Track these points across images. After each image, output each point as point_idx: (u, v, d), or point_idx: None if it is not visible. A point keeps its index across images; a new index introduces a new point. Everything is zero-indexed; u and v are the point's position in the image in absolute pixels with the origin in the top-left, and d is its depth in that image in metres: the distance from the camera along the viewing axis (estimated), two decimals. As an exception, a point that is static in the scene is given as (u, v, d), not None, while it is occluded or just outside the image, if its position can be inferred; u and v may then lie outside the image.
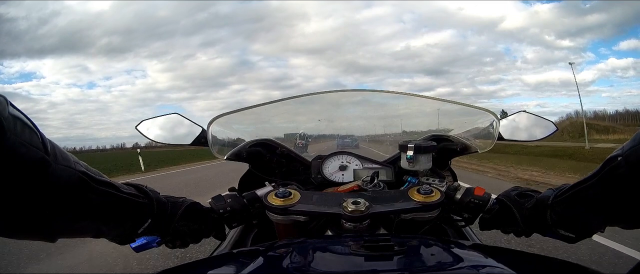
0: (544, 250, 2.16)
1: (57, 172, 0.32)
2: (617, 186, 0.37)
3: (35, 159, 0.30)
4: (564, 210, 0.44)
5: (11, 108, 0.29)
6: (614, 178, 0.37)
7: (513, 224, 0.51)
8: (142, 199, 0.43)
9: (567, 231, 0.45)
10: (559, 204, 0.45)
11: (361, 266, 0.37)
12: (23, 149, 0.29)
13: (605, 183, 0.38)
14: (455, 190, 0.57)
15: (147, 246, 0.48)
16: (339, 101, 0.87)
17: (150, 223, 0.44)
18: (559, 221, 0.45)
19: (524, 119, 0.72)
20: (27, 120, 0.30)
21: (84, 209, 0.36)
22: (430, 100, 0.80)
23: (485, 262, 0.40)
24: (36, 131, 0.31)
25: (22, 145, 0.29)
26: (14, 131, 0.28)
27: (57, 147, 0.33)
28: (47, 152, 0.31)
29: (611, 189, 0.38)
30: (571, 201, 0.43)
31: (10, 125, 0.28)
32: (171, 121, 0.71)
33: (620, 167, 0.36)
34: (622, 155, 0.36)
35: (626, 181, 0.36)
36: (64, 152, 0.34)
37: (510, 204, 0.51)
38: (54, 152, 0.32)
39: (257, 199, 0.56)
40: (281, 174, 0.75)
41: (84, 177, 0.35)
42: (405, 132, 0.89)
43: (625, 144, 0.37)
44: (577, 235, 0.45)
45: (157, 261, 2.24)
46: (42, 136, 0.31)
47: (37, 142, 0.30)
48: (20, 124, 0.29)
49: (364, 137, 0.98)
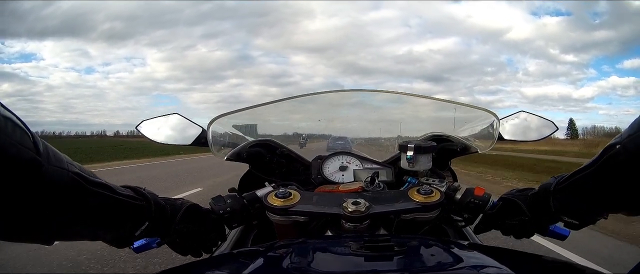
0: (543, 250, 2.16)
1: (50, 173, 0.32)
2: (616, 173, 0.38)
3: (27, 160, 0.30)
4: (566, 197, 0.45)
5: (1, 108, 0.29)
6: (612, 165, 0.38)
7: (518, 215, 0.51)
8: (140, 201, 0.43)
9: (570, 217, 0.46)
10: (561, 191, 0.46)
11: (361, 266, 0.37)
12: (14, 150, 0.28)
13: (605, 170, 0.39)
14: (455, 190, 0.57)
15: (147, 247, 0.48)
16: (338, 101, 0.87)
17: (148, 225, 0.44)
18: (561, 208, 0.46)
19: (524, 119, 0.72)
20: (18, 120, 0.30)
21: (78, 211, 0.36)
22: (431, 100, 0.80)
23: (485, 262, 0.40)
24: (28, 132, 0.30)
25: (12, 146, 0.28)
26: (4, 131, 0.28)
27: (50, 147, 0.33)
28: (38, 152, 0.31)
29: (610, 176, 0.39)
30: (572, 188, 0.44)
31: (1, 125, 0.28)
32: (171, 121, 0.72)
33: (619, 155, 0.37)
34: (620, 143, 0.37)
35: (625, 168, 0.37)
36: (57, 153, 0.34)
37: (513, 198, 0.52)
38: (47, 152, 0.32)
39: (257, 199, 0.56)
40: (281, 175, 0.75)
41: (77, 179, 0.34)
42: (400, 136, 0.89)
43: (623, 132, 0.38)
44: (581, 222, 0.46)
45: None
46: (33, 136, 0.31)
47: (28, 143, 0.30)
48: (11, 125, 0.29)
49: (358, 140, 0.98)
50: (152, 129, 0.71)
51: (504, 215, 0.53)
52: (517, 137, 0.71)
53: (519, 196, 0.52)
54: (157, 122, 0.71)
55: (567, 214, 0.46)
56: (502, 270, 0.36)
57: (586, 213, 0.45)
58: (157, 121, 0.71)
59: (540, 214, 0.49)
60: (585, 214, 0.45)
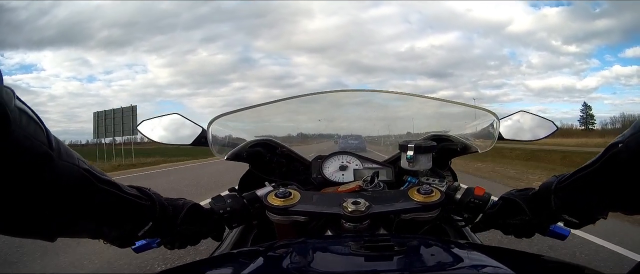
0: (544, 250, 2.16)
1: (60, 168, 0.32)
2: (618, 172, 0.38)
3: (39, 153, 0.30)
4: (567, 195, 0.45)
5: (17, 101, 0.29)
6: (615, 164, 0.38)
7: (519, 214, 0.51)
8: (145, 201, 0.43)
9: (571, 216, 0.46)
10: (562, 189, 0.46)
11: (361, 266, 0.37)
12: (27, 143, 0.29)
13: (607, 169, 0.39)
14: (455, 190, 0.57)
15: (147, 247, 0.48)
16: (341, 101, 0.87)
17: (152, 226, 0.44)
18: (562, 206, 0.46)
19: (524, 119, 0.72)
20: (33, 114, 0.30)
21: (85, 208, 0.36)
22: (431, 100, 0.80)
23: (485, 262, 0.40)
24: (41, 125, 0.31)
25: (26, 138, 0.29)
26: (19, 123, 0.28)
27: (61, 143, 0.33)
28: (51, 147, 0.31)
29: (612, 175, 0.39)
30: (574, 187, 0.44)
31: (16, 118, 0.28)
32: (172, 121, 0.72)
33: (621, 154, 0.37)
34: (623, 142, 0.37)
35: (627, 168, 0.37)
36: (68, 149, 0.34)
37: (513, 197, 0.52)
38: (59, 148, 0.32)
39: (257, 199, 0.56)
40: (281, 174, 0.75)
41: (87, 175, 0.35)
42: (409, 133, 0.89)
43: (626, 131, 0.38)
44: (581, 221, 0.46)
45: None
46: (47, 130, 0.31)
47: (41, 137, 0.30)
48: (26, 118, 0.29)
49: (371, 138, 0.97)
50: (153, 129, 0.71)
51: (504, 215, 0.53)
52: (516, 136, 0.71)
53: (519, 196, 0.52)
54: (157, 122, 0.71)
55: (568, 212, 0.46)
56: (502, 270, 0.36)
57: (587, 212, 0.45)
58: (158, 120, 0.71)
59: (541, 213, 0.49)
60: (586, 213, 0.45)
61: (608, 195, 0.41)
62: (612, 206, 0.43)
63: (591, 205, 0.44)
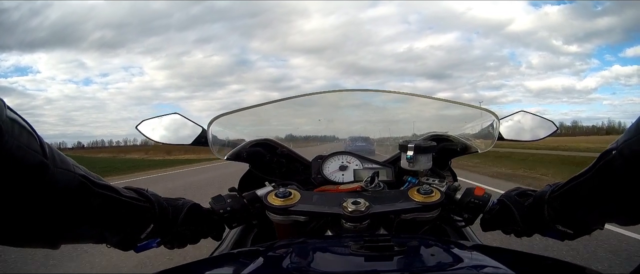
0: (544, 250, 2.16)
1: (56, 175, 0.32)
2: (612, 180, 0.37)
3: (34, 163, 0.29)
4: (561, 205, 0.44)
5: (9, 111, 0.29)
6: (608, 172, 0.37)
7: (513, 224, 0.51)
8: (144, 202, 0.43)
9: (565, 226, 0.45)
10: (555, 199, 0.45)
11: (361, 266, 0.37)
12: (21, 153, 0.28)
13: (600, 177, 0.38)
14: (455, 190, 0.57)
15: (147, 247, 0.48)
16: (340, 102, 0.87)
17: (153, 227, 0.44)
18: (556, 216, 0.45)
19: (524, 119, 0.72)
20: (25, 123, 0.30)
21: (85, 214, 0.36)
22: (431, 100, 0.80)
23: (485, 262, 0.40)
24: (34, 134, 0.30)
25: (20, 148, 0.28)
26: (11, 133, 0.28)
27: (56, 150, 0.33)
28: (45, 155, 0.31)
29: (606, 183, 0.38)
30: (568, 196, 0.43)
31: (8, 128, 0.28)
32: (172, 121, 0.72)
33: (615, 161, 0.36)
34: (616, 149, 0.36)
35: (621, 175, 0.35)
36: (63, 156, 0.34)
37: (509, 203, 0.51)
38: (53, 155, 0.32)
39: (257, 199, 0.56)
40: (281, 174, 0.75)
41: (84, 181, 0.34)
42: (415, 135, 0.88)
43: (619, 137, 0.36)
44: (575, 231, 0.45)
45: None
46: (40, 139, 0.31)
47: (35, 146, 0.30)
48: (18, 127, 0.29)
49: (378, 139, 0.96)
50: (152, 128, 0.71)
51: (500, 220, 0.53)
52: (517, 137, 0.71)
53: (515, 202, 0.50)
54: (157, 122, 0.71)
55: (562, 223, 0.45)
56: (502, 270, 0.36)
57: (581, 222, 0.44)
58: (158, 120, 0.71)
59: (535, 225, 0.48)
60: (581, 223, 0.44)
61: (602, 205, 0.40)
62: (607, 216, 0.41)
63: (585, 215, 0.43)
